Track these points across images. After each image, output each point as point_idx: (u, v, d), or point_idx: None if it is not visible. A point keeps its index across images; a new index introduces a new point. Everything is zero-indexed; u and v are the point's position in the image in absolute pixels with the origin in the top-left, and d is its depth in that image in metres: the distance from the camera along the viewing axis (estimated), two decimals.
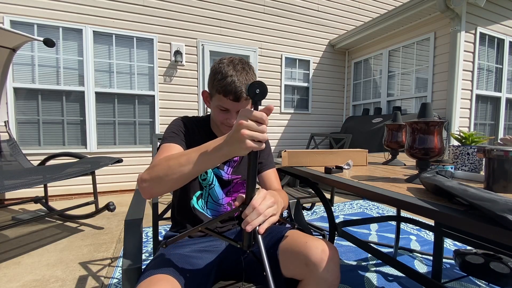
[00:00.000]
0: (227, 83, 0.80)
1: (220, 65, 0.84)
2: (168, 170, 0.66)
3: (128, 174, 3.70)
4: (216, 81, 0.82)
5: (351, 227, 2.40)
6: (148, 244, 2.09)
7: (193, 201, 0.95)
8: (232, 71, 0.81)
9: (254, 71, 0.89)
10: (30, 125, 3.34)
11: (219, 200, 0.96)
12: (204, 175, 0.94)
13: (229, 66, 0.83)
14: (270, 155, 1.07)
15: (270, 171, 1.04)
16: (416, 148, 0.83)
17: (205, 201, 0.95)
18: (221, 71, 0.82)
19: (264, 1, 4.46)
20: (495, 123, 3.80)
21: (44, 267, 1.76)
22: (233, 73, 0.81)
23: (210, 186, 0.95)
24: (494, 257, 1.22)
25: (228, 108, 0.84)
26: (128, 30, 3.66)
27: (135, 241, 0.79)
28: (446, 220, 0.57)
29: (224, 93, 0.81)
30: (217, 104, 0.85)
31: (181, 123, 0.92)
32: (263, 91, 0.58)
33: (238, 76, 0.81)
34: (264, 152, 1.05)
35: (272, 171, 1.05)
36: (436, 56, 3.57)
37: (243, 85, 0.81)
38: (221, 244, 0.92)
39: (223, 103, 0.83)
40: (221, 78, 0.81)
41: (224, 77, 0.81)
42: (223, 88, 0.81)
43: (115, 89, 3.66)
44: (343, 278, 1.60)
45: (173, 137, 0.86)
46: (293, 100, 4.87)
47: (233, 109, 0.84)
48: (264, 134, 0.57)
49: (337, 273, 0.76)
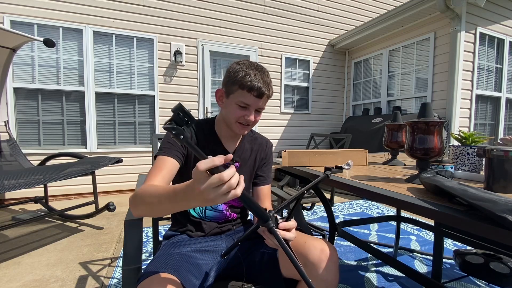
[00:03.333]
0: (253, 79, 0.83)
1: (240, 65, 0.87)
2: (144, 206, 0.65)
3: (128, 174, 3.70)
4: (240, 78, 0.84)
5: (351, 227, 2.40)
6: (148, 244, 2.09)
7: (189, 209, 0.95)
8: (255, 71, 0.85)
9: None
10: (30, 125, 3.34)
11: (217, 207, 0.97)
12: None
13: (251, 66, 0.87)
14: (271, 171, 1.08)
15: (267, 187, 1.06)
16: (416, 148, 0.83)
17: (203, 209, 0.96)
18: (243, 70, 0.85)
19: (264, 1, 4.46)
20: (495, 123, 3.80)
21: (44, 267, 1.76)
22: (257, 72, 0.85)
23: None
24: (494, 257, 1.22)
25: (249, 104, 0.86)
26: (128, 30, 3.66)
27: (135, 241, 0.79)
28: (446, 220, 0.57)
29: (249, 89, 0.83)
30: (238, 100, 0.86)
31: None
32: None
33: (262, 75, 0.86)
34: (267, 166, 1.07)
35: (268, 187, 1.06)
36: (436, 56, 3.57)
37: (266, 88, 0.85)
38: (221, 244, 0.92)
39: (246, 99, 0.85)
40: (244, 75, 0.84)
41: (248, 74, 0.84)
42: (248, 83, 0.83)
43: (115, 89, 3.66)
44: (343, 278, 1.60)
45: (168, 149, 0.86)
46: (293, 100, 4.87)
47: (253, 106, 0.87)
48: (231, 181, 0.47)
49: (336, 273, 0.76)
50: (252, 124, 0.91)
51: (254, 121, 0.90)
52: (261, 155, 1.05)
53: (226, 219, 0.99)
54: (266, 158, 1.06)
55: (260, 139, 1.07)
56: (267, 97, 0.88)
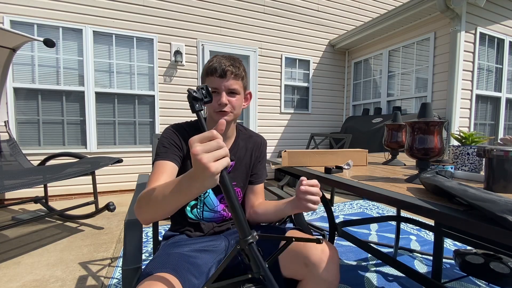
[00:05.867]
0: (212, 63, 0.87)
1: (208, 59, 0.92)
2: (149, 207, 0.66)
3: (128, 174, 3.70)
4: (204, 68, 0.90)
5: (351, 227, 2.40)
6: (148, 244, 2.09)
7: (187, 211, 0.95)
8: (219, 57, 0.89)
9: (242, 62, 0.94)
10: (30, 125, 3.34)
11: (214, 208, 0.97)
12: None
13: (216, 56, 0.91)
14: (265, 168, 1.08)
15: (261, 185, 1.06)
16: (416, 148, 0.83)
17: (200, 210, 0.96)
18: (209, 61, 0.91)
19: (264, 1, 4.46)
20: (495, 123, 3.80)
21: (44, 267, 1.76)
22: (220, 57, 0.89)
23: (205, 195, 0.96)
24: (494, 257, 1.22)
25: (217, 87, 0.87)
26: (128, 30, 3.66)
27: (135, 241, 0.79)
28: (446, 220, 0.57)
29: (211, 72, 0.86)
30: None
31: (171, 133, 0.91)
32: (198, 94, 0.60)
33: (224, 58, 0.89)
34: (262, 164, 1.07)
35: (262, 185, 1.07)
36: (436, 56, 3.57)
37: (228, 65, 0.86)
38: (220, 244, 0.92)
39: (211, 83, 0.87)
40: (208, 63, 0.89)
41: (211, 61, 0.89)
42: (209, 68, 0.87)
43: (115, 89, 3.66)
44: (343, 278, 1.60)
45: (165, 153, 0.85)
46: (293, 100, 4.87)
47: (222, 88, 0.87)
48: (224, 149, 0.53)
49: (336, 273, 0.76)
50: (232, 110, 0.89)
51: (232, 106, 0.89)
52: (256, 153, 1.04)
53: (223, 219, 0.99)
54: (260, 156, 1.06)
55: (255, 137, 1.07)
56: (235, 76, 0.87)
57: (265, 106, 4.59)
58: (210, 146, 0.51)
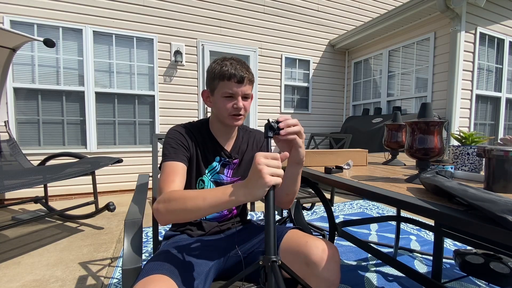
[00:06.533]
0: (230, 68, 0.86)
1: (216, 61, 0.90)
2: (185, 210, 0.68)
3: (128, 174, 3.70)
4: (217, 72, 0.87)
5: (351, 227, 2.40)
6: (148, 244, 2.09)
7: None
8: (231, 60, 0.88)
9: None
10: (30, 125, 3.34)
11: None
12: (201, 184, 0.95)
13: (226, 59, 0.90)
14: None
15: None
16: (416, 148, 0.83)
17: None
18: (219, 64, 0.88)
19: (264, 1, 4.46)
20: (495, 123, 3.80)
21: (44, 267, 1.76)
22: (232, 61, 0.88)
23: None
24: (494, 257, 1.22)
25: (233, 92, 0.87)
26: (128, 30, 3.66)
27: (135, 241, 0.79)
28: (446, 220, 0.57)
29: (228, 77, 0.85)
30: (223, 92, 0.87)
31: (177, 134, 0.91)
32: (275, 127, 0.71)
33: (238, 62, 0.88)
34: None
35: None
36: (436, 56, 3.57)
37: (245, 72, 0.87)
38: (221, 243, 0.93)
39: (229, 87, 0.86)
40: (221, 68, 0.86)
41: (224, 65, 0.87)
42: (227, 73, 0.85)
43: (115, 89, 3.66)
44: (343, 278, 1.60)
45: (174, 153, 0.85)
46: (293, 100, 4.87)
47: (238, 93, 0.87)
48: (281, 170, 0.63)
49: (337, 272, 0.76)
50: (245, 114, 0.91)
51: (245, 110, 0.90)
52: (258, 146, 1.06)
53: (225, 218, 0.99)
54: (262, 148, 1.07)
55: (254, 131, 1.09)
56: (249, 81, 0.89)
57: (265, 106, 4.59)
58: (272, 163, 0.62)
